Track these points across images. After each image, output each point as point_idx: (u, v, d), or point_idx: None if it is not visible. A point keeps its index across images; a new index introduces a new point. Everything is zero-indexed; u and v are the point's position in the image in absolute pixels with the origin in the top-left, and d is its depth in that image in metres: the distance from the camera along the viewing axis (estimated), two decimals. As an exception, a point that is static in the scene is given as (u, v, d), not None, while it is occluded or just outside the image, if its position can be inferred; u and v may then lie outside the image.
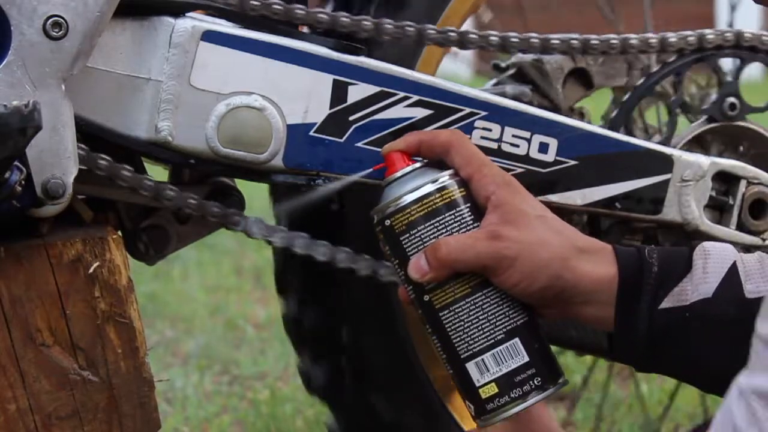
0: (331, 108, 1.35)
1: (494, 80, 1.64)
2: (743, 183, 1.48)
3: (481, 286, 1.15)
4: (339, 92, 1.35)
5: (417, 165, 1.17)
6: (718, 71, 1.54)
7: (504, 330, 1.15)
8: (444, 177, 1.16)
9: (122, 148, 1.33)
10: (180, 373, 2.57)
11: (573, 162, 1.41)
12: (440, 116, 1.37)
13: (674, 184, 1.45)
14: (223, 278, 3.40)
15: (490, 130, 1.39)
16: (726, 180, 1.49)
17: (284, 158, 1.35)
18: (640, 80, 1.53)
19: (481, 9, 1.63)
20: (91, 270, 1.25)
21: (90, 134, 1.30)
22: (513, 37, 1.44)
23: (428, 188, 1.15)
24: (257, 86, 1.33)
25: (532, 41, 1.44)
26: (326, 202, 1.48)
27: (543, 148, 1.40)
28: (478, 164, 1.17)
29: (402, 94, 1.36)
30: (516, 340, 1.15)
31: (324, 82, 1.35)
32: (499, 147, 1.39)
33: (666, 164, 1.44)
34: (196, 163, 1.35)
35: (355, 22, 1.37)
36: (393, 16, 1.40)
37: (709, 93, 1.60)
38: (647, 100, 1.59)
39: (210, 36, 1.32)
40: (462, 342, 1.15)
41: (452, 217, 1.15)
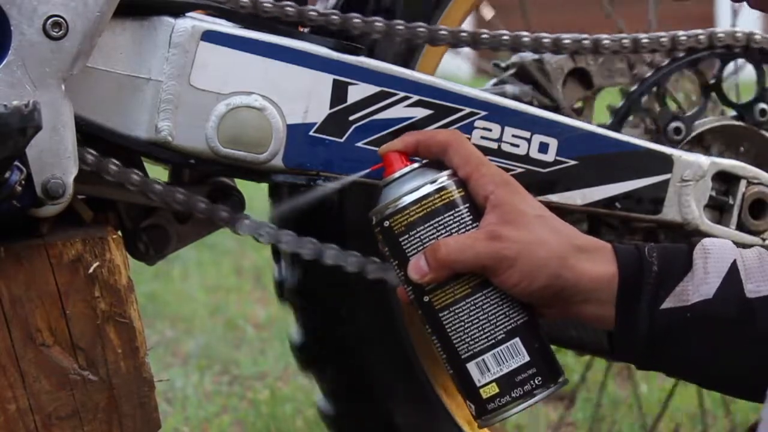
0: (331, 108, 1.35)
1: (494, 80, 1.64)
2: (743, 183, 1.48)
3: (481, 287, 1.15)
4: (339, 92, 1.35)
5: (415, 165, 1.17)
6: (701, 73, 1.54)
7: (504, 330, 1.15)
8: (442, 177, 1.16)
9: (122, 148, 1.33)
10: (180, 373, 2.57)
11: (573, 162, 1.41)
12: (440, 116, 1.37)
13: (674, 184, 1.45)
14: (223, 278, 3.39)
15: (490, 130, 1.39)
16: (726, 180, 1.48)
17: (284, 158, 1.35)
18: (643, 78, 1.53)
19: (482, 6, 1.63)
20: (91, 270, 1.25)
21: (89, 134, 1.30)
22: (525, 37, 1.43)
23: (427, 189, 1.15)
24: (257, 86, 1.33)
25: (544, 41, 1.44)
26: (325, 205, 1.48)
27: (543, 148, 1.40)
28: (477, 164, 1.17)
29: (402, 94, 1.36)
30: (516, 340, 1.15)
31: (324, 82, 1.35)
32: (499, 147, 1.39)
33: (666, 164, 1.44)
34: (196, 163, 1.35)
35: (368, 24, 1.37)
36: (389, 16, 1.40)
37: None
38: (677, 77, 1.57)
39: (210, 36, 1.32)
40: (462, 342, 1.15)
41: (451, 218, 1.15)
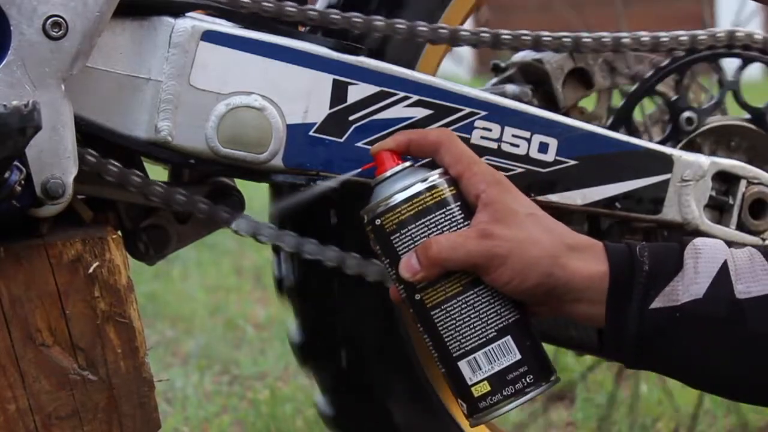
0: (331, 108, 1.35)
1: (494, 80, 1.64)
2: (743, 183, 1.48)
3: (472, 285, 1.15)
4: (339, 92, 1.35)
5: (407, 164, 1.17)
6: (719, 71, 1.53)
7: (496, 328, 1.15)
8: (434, 176, 1.16)
9: (122, 148, 1.33)
10: (180, 373, 2.57)
11: (573, 162, 1.41)
12: (440, 116, 1.37)
13: (674, 184, 1.45)
14: (223, 278, 3.39)
15: (490, 130, 1.39)
16: (726, 180, 1.48)
17: (284, 158, 1.35)
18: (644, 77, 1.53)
19: (482, 9, 1.62)
20: (91, 270, 1.25)
21: (89, 134, 1.30)
22: (545, 37, 1.43)
23: (418, 187, 1.15)
24: (257, 86, 1.33)
25: (564, 40, 1.44)
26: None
27: (543, 148, 1.40)
28: (468, 163, 1.17)
29: (402, 94, 1.36)
30: (508, 338, 1.15)
31: (324, 82, 1.35)
32: (499, 147, 1.39)
33: (666, 164, 1.44)
34: (196, 163, 1.35)
35: (389, 25, 1.37)
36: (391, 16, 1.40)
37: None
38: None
39: (210, 36, 1.32)
40: (454, 340, 1.15)
41: (442, 216, 1.15)
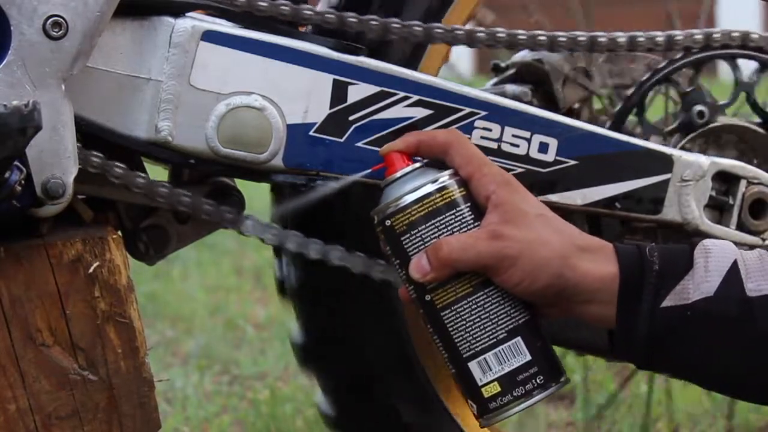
0: (331, 108, 1.35)
1: (494, 80, 1.64)
2: (743, 183, 1.48)
3: (483, 286, 1.15)
4: (339, 92, 1.35)
5: (417, 165, 1.18)
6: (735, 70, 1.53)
7: (506, 329, 1.15)
8: (444, 177, 1.16)
9: (122, 148, 1.33)
10: (180, 373, 2.57)
11: (573, 162, 1.41)
12: (440, 116, 1.37)
13: (674, 184, 1.45)
14: (223, 278, 3.39)
15: (490, 130, 1.38)
16: (726, 180, 1.48)
17: (284, 158, 1.35)
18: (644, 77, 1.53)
19: (481, 11, 1.62)
20: (91, 270, 1.25)
21: (89, 134, 1.30)
22: (561, 37, 1.43)
23: (428, 188, 1.15)
24: (257, 86, 1.33)
25: (579, 39, 1.44)
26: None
27: (543, 148, 1.40)
28: (478, 164, 1.17)
29: (402, 94, 1.36)
30: (518, 339, 1.15)
31: (324, 82, 1.35)
32: (499, 147, 1.39)
33: (666, 164, 1.44)
34: (196, 163, 1.35)
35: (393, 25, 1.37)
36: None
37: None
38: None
39: (210, 36, 1.32)
40: (464, 341, 1.15)
41: (453, 217, 1.15)
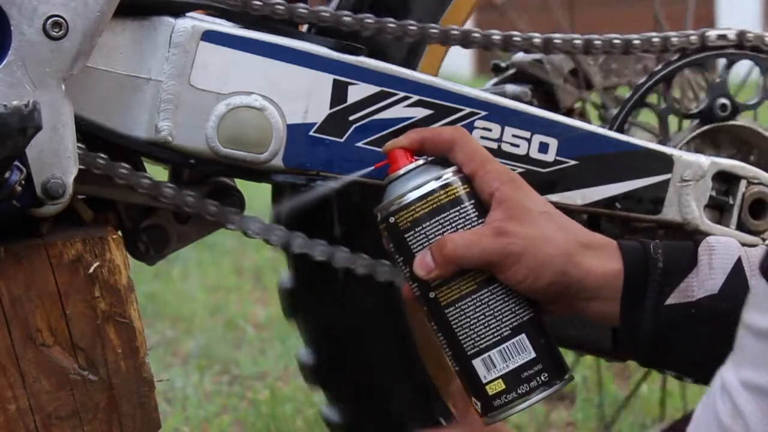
0: (331, 108, 1.35)
1: (494, 80, 1.64)
2: (743, 183, 1.48)
3: (487, 283, 1.15)
4: (339, 92, 1.35)
5: (420, 162, 1.17)
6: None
7: (510, 326, 1.15)
8: (447, 174, 1.16)
9: (122, 148, 1.33)
10: (180, 373, 2.57)
11: (573, 162, 1.41)
12: (440, 116, 1.37)
13: (674, 184, 1.45)
14: (223, 278, 3.39)
15: (490, 130, 1.38)
16: (726, 180, 1.48)
17: (284, 158, 1.35)
18: (641, 79, 1.53)
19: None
20: (91, 270, 1.25)
21: (89, 134, 1.30)
22: (556, 39, 1.43)
23: (432, 185, 1.15)
24: (257, 86, 1.33)
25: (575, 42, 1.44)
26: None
27: (543, 148, 1.40)
28: (482, 161, 1.17)
29: (402, 94, 1.36)
30: (522, 336, 1.15)
31: (324, 82, 1.35)
32: (499, 147, 1.39)
33: (666, 164, 1.44)
34: (196, 163, 1.35)
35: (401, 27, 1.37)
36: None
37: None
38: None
39: (210, 36, 1.32)
40: (468, 339, 1.15)
41: (457, 214, 1.15)
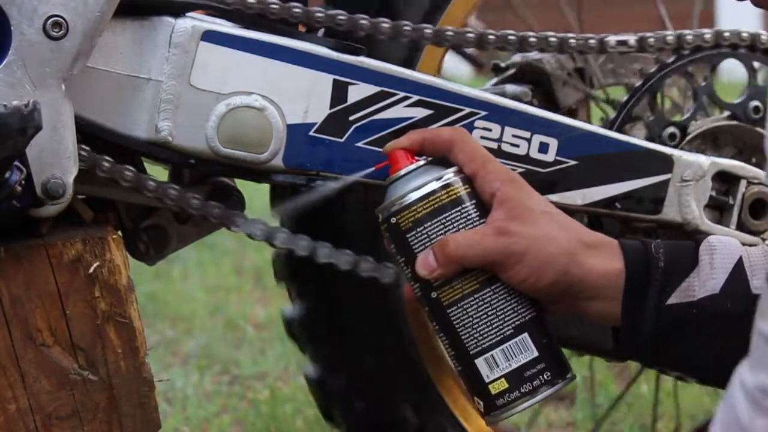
0: (331, 108, 1.35)
1: (494, 80, 1.64)
2: (743, 183, 1.48)
3: (489, 282, 1.15)
4: (339, 92, 1.35)
5: (421, 162, 1.18)
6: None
7: (513, 325, 1.15)
8: (449, 174, 1.16)
9: (122, 148, 1.33)
10: (180, 373, 2.57)
11: (573, 162, 1.41)
12: (440, 116, 1.37)
13: (674, 184, 1.45)
14: (223, 278, 3.39)
15: (490, 130, 1.39)
16: (726, 180, 1.48)
17: (284, 158, 1.35)
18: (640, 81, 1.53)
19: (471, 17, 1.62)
20: (91, 270, 1.25)
21: (89, 134, 1.30)
22: (551, 37, 1.43)
23: (433, 185, 1.15)
24: (257, 86, 1.33)
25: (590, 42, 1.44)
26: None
27: (543, 148, 1.40)
28: (482, 161, 1.17)
29: (402, 94, 1.36)
30: (525, 335, 1.15)
31: (324, 82, 1.35)
32: (499, 147, 1.39)
33: (666, 164, 1.44)
34: (196, 163, 1.35)
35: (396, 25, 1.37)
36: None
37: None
38: None
39: (210, 36, 1.32)
40: (470, 338, 1.15)
41: (458, 214, 1.15)
